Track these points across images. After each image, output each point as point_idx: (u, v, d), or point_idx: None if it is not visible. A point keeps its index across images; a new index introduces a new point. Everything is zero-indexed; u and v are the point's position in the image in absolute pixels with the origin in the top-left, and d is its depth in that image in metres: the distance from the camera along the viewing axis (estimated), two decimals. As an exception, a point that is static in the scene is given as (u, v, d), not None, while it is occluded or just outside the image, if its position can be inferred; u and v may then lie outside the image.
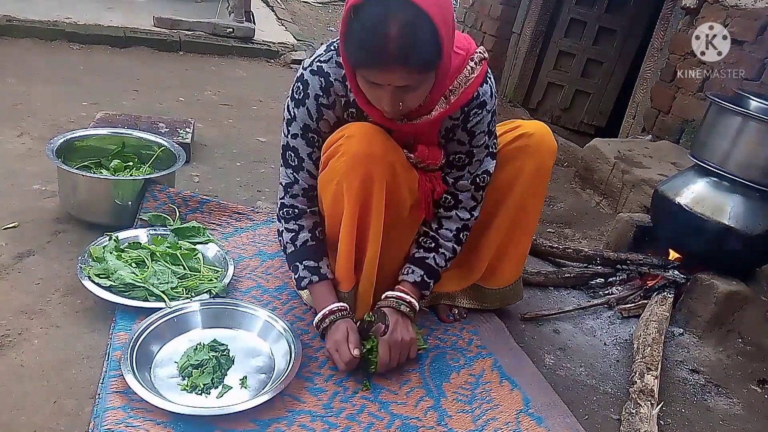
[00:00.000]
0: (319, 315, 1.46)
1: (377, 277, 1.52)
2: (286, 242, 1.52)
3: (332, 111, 1.40)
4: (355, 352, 1.38)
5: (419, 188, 1.48)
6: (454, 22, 1.24)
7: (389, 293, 1.51)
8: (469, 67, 1.33)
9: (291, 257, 1.52)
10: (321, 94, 1.37)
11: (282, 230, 1.53)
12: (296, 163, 1.46)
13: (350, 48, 1.18)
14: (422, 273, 1.54)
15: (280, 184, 1.52)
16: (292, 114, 1.41)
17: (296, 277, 1.51)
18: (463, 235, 1.58)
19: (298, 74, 1.40)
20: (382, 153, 1.35)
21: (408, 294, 1.50)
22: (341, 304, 1.47)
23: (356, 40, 1.15)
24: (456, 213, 1.56)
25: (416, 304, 1.50)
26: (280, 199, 1.52)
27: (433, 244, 1.56)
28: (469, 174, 1.52)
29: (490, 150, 1.53)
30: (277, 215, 1.55)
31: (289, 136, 1.44)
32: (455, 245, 1.57)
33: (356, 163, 1.33)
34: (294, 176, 1.48)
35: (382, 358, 1.42)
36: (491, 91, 1.43)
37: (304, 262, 1.50)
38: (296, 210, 1.51)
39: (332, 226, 1.49)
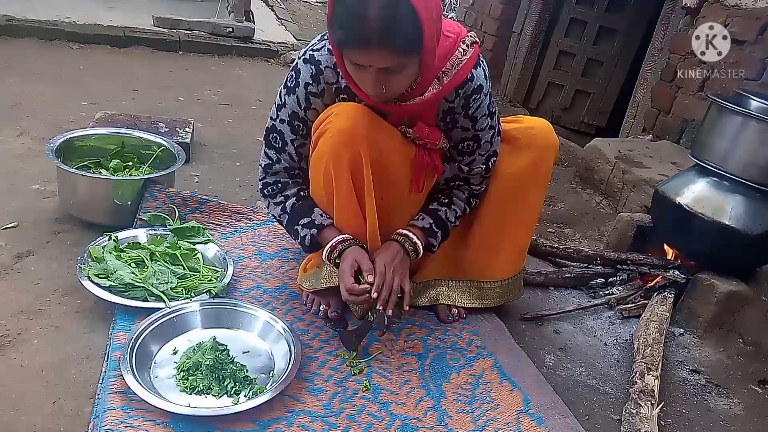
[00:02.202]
0: (327, 248, 1.47)
1: None
2: (279, 215, 1.55)
3: (320, 99, 1.42)
4: (370, 278, 1.38)
5: (416, 161, 1.50)
6: (439, 8, 1.26)
7: (399, 230, 1.53)
8: (461, 50, 1.36)
9: (289, 226, 1.54)
10: (311, 82, 1.40)
11: (270, 206, 1.56)
12: (279, 145, 1.50)
13: (334, 30, 1.23)
14: (431, 221, 1.56)
15: (260, 165, 1.55)
16: (283, 100, 1.45)
17: (300, 242, 1.52)
18: (472, 200, 1.62)
19: (293, 64, 1.45)
20: (368, 129, 1.37)
21: (415, 235, 1.52)
22: (347, 235, 1.47)
23: (339, 21, 1.20)
24: (467, 186, 1.60)
25: (420, 248, 1.52)
26: (261, 179, 1.56)
27: (446, 200, 1.60)
28: (481, 156, 1.54)
29: (496, 129, 1.54)
30: (261, 195, 1.58)
31: (277, 120, 1.48)
32: (466, 206, 1.61)
33: (343, 139, 1.36)
34: (276, 156, 1.52)
35: (379, 274, 1.40)
36: (485, 73, 1.45)
37: (300, 222, 1.51)
38: (279, 184, 1.54)
39: (328, 207, 1.49)
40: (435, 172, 1.55)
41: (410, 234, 1.52)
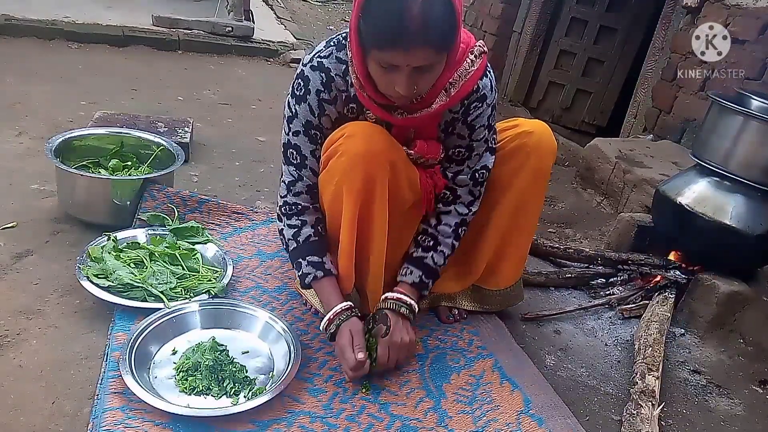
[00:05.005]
0: (325, 320, 1.44)
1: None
2: (288, 239, 1.50)
3: (333, 106, 1.39)
4: (359, 356, 1.36)
5: (420, 185, 1.48)
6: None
7: (388, 295, 1.49)
8: (469, 60, 1.33)
9: (294, 254, 1.50)
10: (322, 89, 1.37)
11: (284, 227, 1.51)
12: (299, 160, 1.45)
13: (368, 30, 1.18)
14: (420, 273, 1.52)
15: (283, 182, 1.51)
16: (294, 111, 1.41)
17: (299, 274, 1.49)
18: (461, 230, 1.57)
19: (299, 71, 1.39)
20: (383, 152, 1.35)
21: (406, 295, 1.48)
22: (345, 303, 1.44)
23: (376, 21, 1.15)
24: (454, 208, 1.55)
25: (415, 306, 1.49)
26: (282, 197, 1.50)
27: (431, 242, 1.55)
28: (468, 168, 1.51)
29: (490, 145, 1.52)
30: (279, 212, 1.53)
31: (291, 134, 1.43)
32: (454, 241, 1.56)
33: (357, 162, 1.33)
34: (297, 174, 1.47)
35: (380, 359, 1.41)
36: (491, 84, 1.43)
37: (307, 258, 1.47)
38: (299, 206, 1.49)
39: (333, 226, 1.48)
40: (437, 191, 1.53)
41: (402, 297, 1.47)
